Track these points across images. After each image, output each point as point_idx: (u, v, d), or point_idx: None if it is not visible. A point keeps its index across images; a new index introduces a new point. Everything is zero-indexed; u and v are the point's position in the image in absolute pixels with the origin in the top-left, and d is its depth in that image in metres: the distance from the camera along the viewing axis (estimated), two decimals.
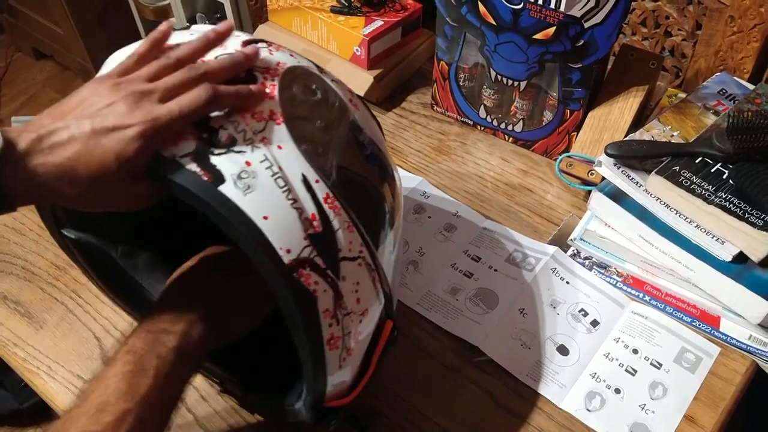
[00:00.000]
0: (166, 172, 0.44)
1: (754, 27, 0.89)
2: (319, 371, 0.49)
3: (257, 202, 0.44)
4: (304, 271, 0.45)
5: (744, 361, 0.69)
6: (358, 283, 0.49)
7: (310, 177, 0.47)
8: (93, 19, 1.99)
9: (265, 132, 0.47)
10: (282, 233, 0.45)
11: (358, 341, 0.51)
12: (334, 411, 0.53)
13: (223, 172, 0.44)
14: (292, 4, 0.98)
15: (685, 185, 0.70)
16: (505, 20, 0.78)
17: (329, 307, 0.47)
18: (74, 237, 0.60)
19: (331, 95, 0.53)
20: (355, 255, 0.49)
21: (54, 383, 0.68)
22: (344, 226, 0.48)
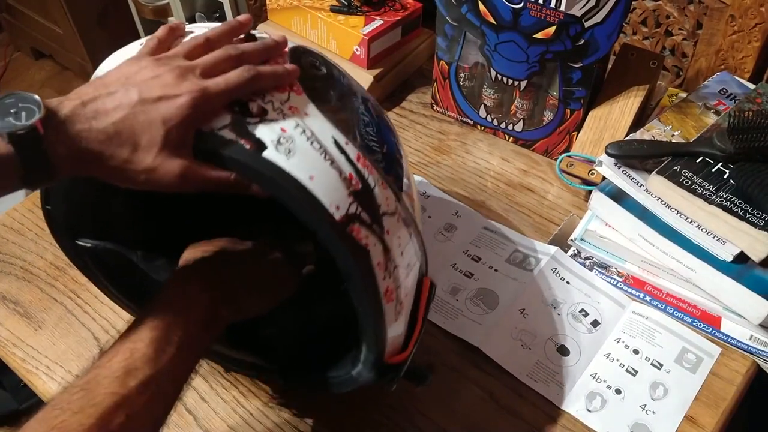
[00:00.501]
0: (208, 145, 0.45)
1: (754, 26, 0.89)
2: (380, 325, 0.50)
3: (301, 165, 0.46)
4: (354, 227, 0.47)
5: (745, 362, 0.69)
6: (399, 237, 0.51)
7: (340, 140, 0.49)
8: (92, 18, 1.99)
9: (291, 101, 0.49)
10: (329, 191, 0.46)
11: (407, 294, 0.52)
12: (394, 367, 0.53)
13: (263, 139, 0.46)
14: (291, 4, 0.98)
15: (685, 185, 0.70)
16: (505, 19, 0.78)
17: (381, 260, 0.48)
18: (90, 245, 0.60)
19: (334, 69, 0.57)
20: (393, 210, 0.51)
21: (53, 383, 0.68)
22: (379, 183, 0.50)
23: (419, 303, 0.55)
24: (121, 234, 0.62)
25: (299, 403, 0.66)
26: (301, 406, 0.65)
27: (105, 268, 0.62)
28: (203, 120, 0.46)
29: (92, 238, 0.60)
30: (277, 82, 0.49)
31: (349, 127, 0.51)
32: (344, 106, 0.53)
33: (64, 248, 0.60)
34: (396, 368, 0.53)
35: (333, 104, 0.52)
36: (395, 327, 0.52)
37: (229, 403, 0.66)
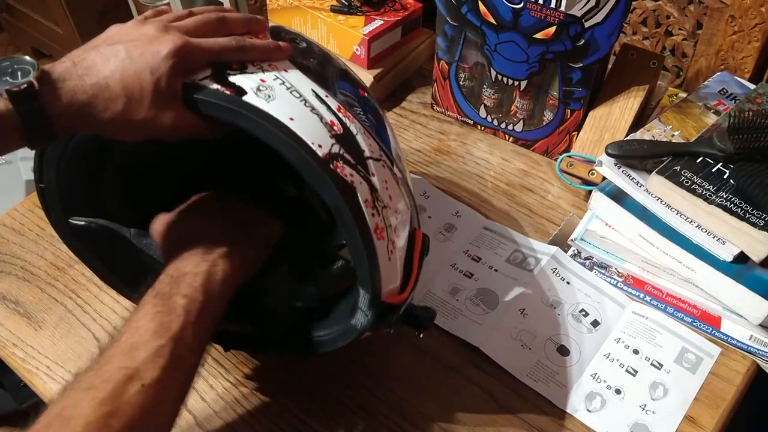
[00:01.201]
0: (191, 92, 0.47)
1: (754, 26, 0.89)
2: (372, 258, 0.50)
3: (280, 108, 0.48)
4: (338, 164, 0.48)
5: (745, 362, 0.69)
6: (386, 182, 0.53)
7: (319, 92, 0.51)
8: (93, 19, 1.99)
9: (271, 62, 0.52)
10: (309, 131, 0.48)
11: (398, 236, 0.53)
12: (392, 307, 0.53)
13: (243, 86, 0.48)
14: (291, 4, 0.98)
15: (685, 185, 0.70)
16: (505, 19, 0.78)
17: (368, 197, 0.50)
18: (84, 224, 0.61)
19: (314, 45, 0.59)
20: (378, 156, 0.53)
21: (53, 383, 0.68)
22: (361, 131, 0.52)
23: (413, 253, 0.56)
24: (113, 211, 0.62)
25: (299, 404, 0.66)
26: (301, 407, 0.65)
27: (99, 248, 0.63)
28: (188, 71, 0.48)
29: (85, 215, 0.61)
30: (266, 56, 0.52)
31: (329, 86, 0.54)
32: (324, 71, 0.56)
33: (58, 229, 0.61)
34: (394, 308, 0.53)
35: (313, 69, 0.54)
36: (390, 267, 0.52)
37: (229, 404, 0.66)
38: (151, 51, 0.46)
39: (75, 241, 0.62)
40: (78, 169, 0.57)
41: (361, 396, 0.66)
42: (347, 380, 0.68)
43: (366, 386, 0.67)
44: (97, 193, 0.62)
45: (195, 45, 0.48)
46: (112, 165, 0.61)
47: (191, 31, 0.50)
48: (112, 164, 0.61)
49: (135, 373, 0.45)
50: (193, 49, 0.48)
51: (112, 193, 0.63)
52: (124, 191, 0.63)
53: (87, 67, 0.46)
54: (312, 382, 0.67)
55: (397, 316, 0.54)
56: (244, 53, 0.51)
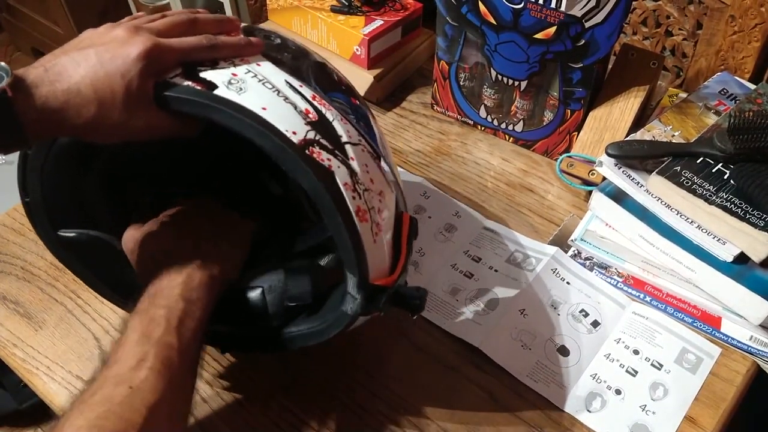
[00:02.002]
0: (161, 91, 0.47)
1: (755, 26, 0.89)
2: (356, 241, 0.50)
3: (252, 99, 0.48)
4: (314, 149, 0.48)
5: (745, 362, 0.69)
6: (366, 165, 0.52)
7: (293, 83, 0.52)
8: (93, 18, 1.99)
9: (243, 57, 0.52)
10: (283, 120, 0.48)
11: (383, 219, 0.53)
12: (381, 289, 0.53)
13: (214, 81, 0.49)
14: (292, 4, 0.98)
15: (686, 185, 0.70)
16: (505, 20, 0.78)
17: (347, 181, 0.49)
18: (73, 236, 0.60)
19: (289, 41, 0.59)
20: (356, 141, 0.52)
21: (53, 383, 0.68)
22: (338, 117, 0.52)
23: (401, 236, 0.56)
24: (101, 222, 0.62)
25: (299, 404, 0.66)
26: (301, 407, 0.65)
27: (88, 260, 0.62)
28: (159, 72, 0.48)
29: (73, 227, 0.60)
30: (237, 52, 0.52)
31: (304, 77, 0.53)
32: (299, 64, 0.56)
33: (47, 241, 0.61)
34: (383, 290, 0.53)
35: (287, 62, 0.54)
36: (376, 249, 0.52)
37: (229, 403, 0.66)
38: (122, 54, 0.46)
39: (64, 253, 0.62)
40: (62, 179, 0.57)
41: (360, 395, 0.66)
42: (347, 380, 0.68)
43: (366, 386, 0.67)
44: (83, 203, 0.61)
45: (165, 45, 0.48)
46: (96, 171, 0.60)
47: (162, 32, 0.50)
48: (96, 171, 0.60)
49: (121, 379, 0.46)
50: (163, 49, 0.48)
51: (99, 201, 0.62)
52: (110, 198, 0.63)
53: (58, 72, 0.45)
54: (311, 381, 0.67)
55: (387, 297, 0.53)
56: (216, 51, 0.51)
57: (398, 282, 0.54)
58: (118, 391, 0.45)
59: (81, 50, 0.47)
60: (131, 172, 0.63)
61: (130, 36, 0.48)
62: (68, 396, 0.66)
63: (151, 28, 0.50)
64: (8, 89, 0.43)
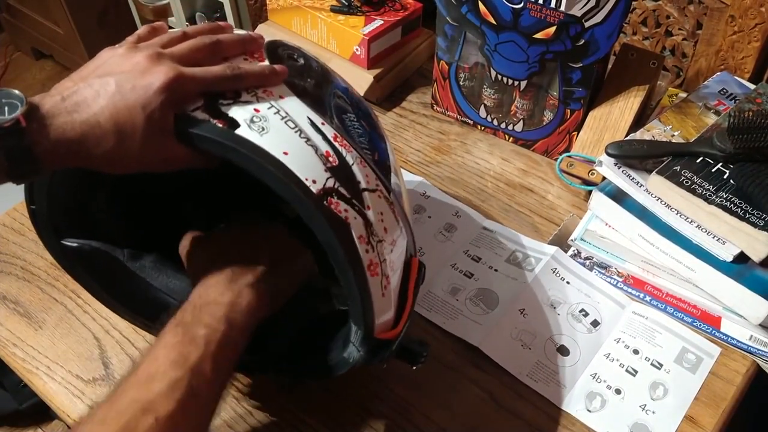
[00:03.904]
0: (182, 126, 0.46)
1: (754, 26, 0.89)
2: (365, 297, 0.49)
3: (274, 141, 0.47)
4: (332, 200, 0.47)
5: (745, 362, 0.69)
6: (382, 213, 0.51)
7: (315, 120, 0.50)
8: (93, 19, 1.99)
9: (266, 89, 0.50)
10: (304, 166, 0.47)
11: (393, 270, 0.52)
12: (385, 343, 0.53)
13: (236, 118, 0.47)
14: (291, 4, 0.98)
15: (685, 185, 0.70)
16: (505, 19, 0.78)
17: (362, 233, 0.49)
18: (76, 246, 0.59)
19: (312, 61, 0.57)
20: (374, 187, 0.51)
21: (53, 383, 0.68)
22: (358, 161, 0.51)
23: (408, 283, 0.55)
24: (106, 233, 0.62)
25: (299, 404, 0.66)
26: (301, 408, 0.65)
27: (92, 269, 0.62)
28: (180, 103, 0.46)
29: (78, 237, 0.60)
30: (262, 82, 0.50)
31: (326, 111, 0.52)
32: (322, 93, 0.54)
33: (51, 249, 0.60)
34: (387, 344, 0.53)
35: (310, 90, 0.53)
36: (383, 303, 0.52)
37: (229, 403, 0.66)
38: (143, 85, 0.44)
39: (69, 262, 0.61)
40: (70, 190, 0.56)
41: (361, 395, 0.66)
42: (347, 380, 0.67)
43: (366, 386, 0.67)
44: (90, 213, 0.60)
45: (188, 76, 0.46)
46: (106, 184, 0.60)
47: (184, 59, 0.48)
48: (106, 183, 0.60)
49: (149, 405, 0.44)
50: (186, 80, 0.46)
51: (106, 213, 0.62)
52: (118, 210, 0.62)
53: (77, 102, 0.44)
54: (311, 381, 0.67)
55: (391, 351, 0.53)
56: (239, 82, 0.48)
57: (401, 334, 0.54)
58: (144, 421, 0.43)
59: (100, 78, 0.45)
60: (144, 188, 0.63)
61: (152, 65, 0.46)
62: (68, 396, 0.67)
63: (173, 54, 0.48)
64: (22, 119, 0.42)
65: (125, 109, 0.44)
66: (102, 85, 0.45)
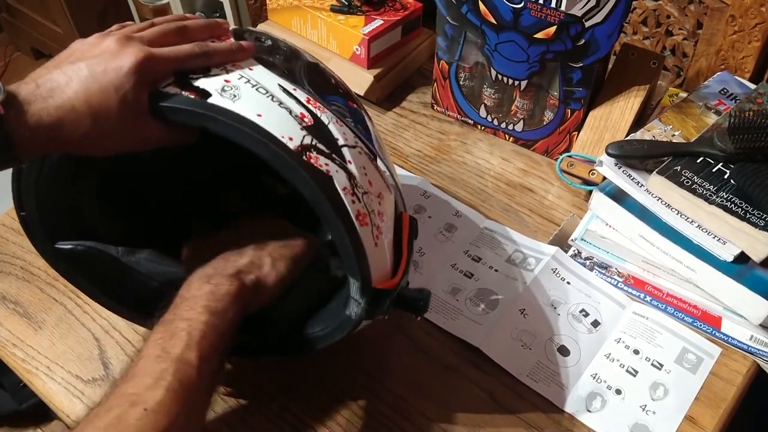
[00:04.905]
0: (155, 101, 0.47)
1: (755, 26, 0.89)
2: (357, 245, 0.50)
3: (247, 106, 0.48)
4: (311, 155, 0.48)
5: (745, 362, 0.69)
6: (364, 168, 0.52)
7: (287, 86, 0.51)
8: (92, 18, 1.99)
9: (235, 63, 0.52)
10: (279, 126, 0.48)
11: (383, 221, 0.53)
12: (385, 292, 0.53)
13: (207, 89, 0.48)
14: (291, 3, 0.98)
15: (686, 185, 0.70)
16: (505, 19, 0.78)
17: (346, 185, 0.49)
18: (70, 248, 0.59)
19: (281, 42, 0.58)
20: (353, 144, 0.52)
21: (53, 384, 0.68)
22: (333, 120, 0.52)
23: (401, 237, 0.56)
24: (99, 232, 0.61)
25: (299, 404, 0.66)
26: (301, 407, 0.65)
27: (88, 271, 0.62)
28: (152, 83, 0.47)
29: (71, 239, 0.60)
30: (230, 58, 0.51)
31: (297, 79, 0.53)
32: (291, 66, 0.55)
33: (45, 254, 0.60)
34: (386, 293, 0.53)
35: (279, 64, 0.54)
36: (377, 253, 0.52)
37: (229, 403, 0.66)
38: (114, 67, 0.46)
39: (64, 266, 0.61)
40: (57, 191, 0.56)
41: (361, 396, 0.66)
42: (347, 380, 0.67)
43: (366, 386, 0.67)
44: (79, 214, 0.60)
45: (158, 55, 0.48)
46: (91, 182, 0.60)
47: (153, 41, 0.49)
48: (91, 181, 0.60)
49: (137, 398, 0.44)
50: (156, 59, 0.47)
51: (95, 211, 0.61)
52: (107, 208, 0.62)
53: (51, 89, 0.45)
54: (312, 381, 0.67)
55: (391, 300, 0.53)
56: (208, 58, 0.50)
57: (401, 284, 0.54)
58: (133, 412, 0.43)
59: (72, 64, 0.46)
60: (127, 181, 0.63)
61: (122, 47, 0.47)
62: (68, 396, 0.66)
63: (141, 37, 0.49)
64: (1, 107, 0.42)
65: (99, 91, 0.45)
66: (74, 70, 0.46)
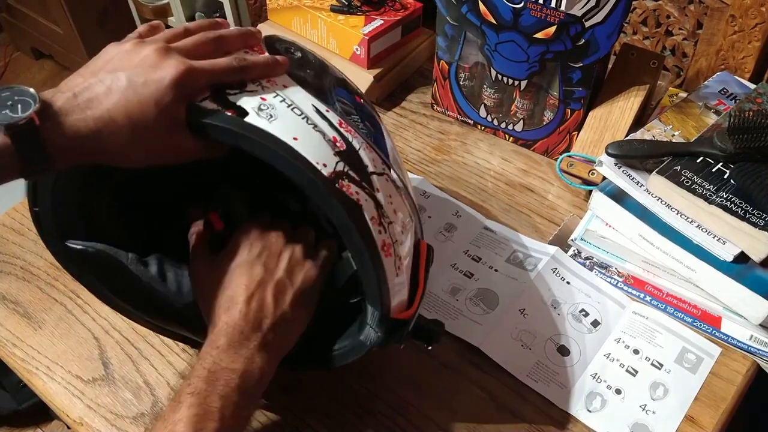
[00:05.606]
0: (194, 117, 0.47)
1: (755, 26, 0.89)
2: (381, 277, 0.50)
3: (283, 128, 0.48)
4: (343, 182, 0.48)
5: (745, 362, 0.69)
6: (390, 196, 0.52)
7: (320, 107, 0.51)
8: (92, 18, 1.99)
9: (270, 79, 0.51)
10: (314, 151, 0.48)
11: (405, 251, 0.53)
12: (401, 323, 0.53)
13: (244, 107, 0.48)
14: (291, 3, 0.98)
15: (686, 185, 0.70)
16: (505, 19, 0.78)
17: (374, 215, 0.49)
18: (80, 248, 0.59)
19: (308, 54, 0.59)
20: (381, 171, 0.52)
21: (53, 383, 0.67)
22: (363, 146, 0.52)
23: (419, 265, 0.56)
24: (111, 234, 0.61)
25: (299, 404, 0.66)
26: (301, 408, 0.65)
27: (98, 272, 0.61)
28: (191, 96, 0.47)
29: (82, 239, 0.59)
30: (266, 72, 0.51)
31: (328, 99, 0.53)
32: (322, 83, 0.56)
33: (55, 251, 0.59)
34: (403, 324, 0.53)
35: (310, 80, 0.54)
36: (398, 283, 0.52)
37: None
38: (155, 79, 0.45)
39: (73, 265, 0.61)
40: (73, 191, 0.56)
41: (361, 396, 0.66)
42: (347, 380, 0.67)
43: (366, 386, 0.67)
44: (94, 215, 0.60)
45: (198, 69, 0.47)
46: (110, 184, 0.60)
47: (191, 53, 0.48)
48: (110, 183, 0.60)
49: None
50: (196, 73, 0.47)
51: (111, 214, 0.61)
52: (123, 211, 0.62)
53: (89, 99, 0.44)
54: (312, 382, 0.67)
55: (407, 331, 0.54)
56: (245, 73, 0.50)
57: (416, 314, 0.54)
58: None
59: (111, 73, 0.45)
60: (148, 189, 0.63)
61: (161, 59, 0.46)
62: (68, 396, 0.66)
63: (180, 48, 0.48)
64: (36, 117, 0.42)
65: (138, 104, 0.45)
66: (113, 80, 0.45)
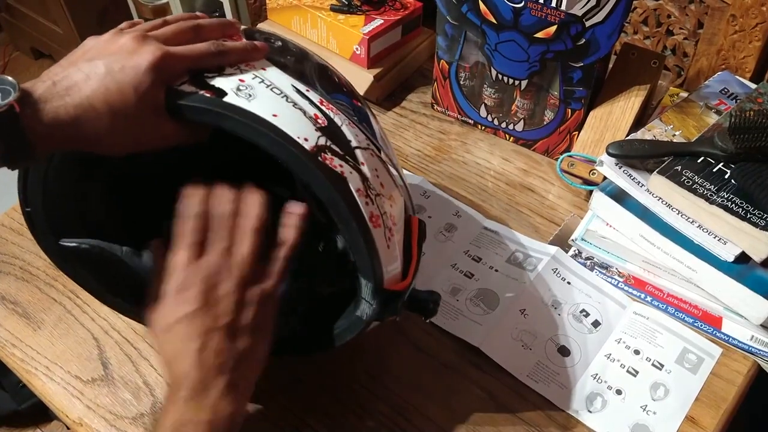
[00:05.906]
0: (172, 100, 0.47)
1: (755, 26, 0.89)
2: (371, 247, 0.50)
3: (262, 105, 0.48)
4: (326, 156, 0.48)
5: (746, 362, 0.69)
6: (376, 170, 0.52)
7: (300, 87, 0.52)
8: (92, 18, 1.99)
9: (248, 63, 0.52)
10: (294, 126, 0.48)
11: (395, 223, 0.53)
12: (396, 294, 0.53)
13: (223, 87, 0.48)
14: (291, 3, 0.98)
15: (686, 185, 0.70)
16: (506, 19, 0.78)
17: (360, 187, 0.50)
18: (74, 245, 0.59)
19: (290, 43, 0.59)
20: (365, 145, 0.53)
21: (52, 384, 0.67)
22: (346, 122, 0.52)
23: (411, 240, 0.56)
24: (104, 230, 0.61)
25: (299, 404, 0.66)
26: (301, 407, 0.65)
27: (93, 269, 0.61)
28: (169, 81, 0.47)
29: (75, 236, 0.60)
30: (244, 57, 0.51)
31: (309, 81, 0.54)
32: (303, 68, 0.56)
33: (49, 251, 0.60)
34: (398, 295, 0.53)
35: (290, 65, 0.54)
36: (389, 254, 0.52)
37: None
38: (132, 64, 0.46)
39: (68, 264, 0.61)
40: (64, 188, 0.56)
41: (361, 396, 0.66)
42: (347, 380, 0.67)
43: (366, 386, 0.67)
44: (85, 212, 0.60)
45: (175, 54, 0.48)
46: (99, 179, 0.60)
47: (169, 40, 0.49)
48: (99, 179, 0.60)
49: None
50: (172, 58, 0.47)
51: (102, 210, 0.61)
52: (113, 206, 0.62)
53: (68, 86, 0.44)
54: (312, 381, 0.67)
55: (402, 302, 0.54)
56: (223, 57, 0.50)
57: (411, 286, 0.54)
58: None
59: (89, 61, 0.46)
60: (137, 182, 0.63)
61: (138, 45, 0.47)
62: (67, 396, 0.66)
63: (157, 36, 0.49)
64: (16, 104, 0.42)
65: (117, 90, 0.45)
66: (92, 68, 0.45)
